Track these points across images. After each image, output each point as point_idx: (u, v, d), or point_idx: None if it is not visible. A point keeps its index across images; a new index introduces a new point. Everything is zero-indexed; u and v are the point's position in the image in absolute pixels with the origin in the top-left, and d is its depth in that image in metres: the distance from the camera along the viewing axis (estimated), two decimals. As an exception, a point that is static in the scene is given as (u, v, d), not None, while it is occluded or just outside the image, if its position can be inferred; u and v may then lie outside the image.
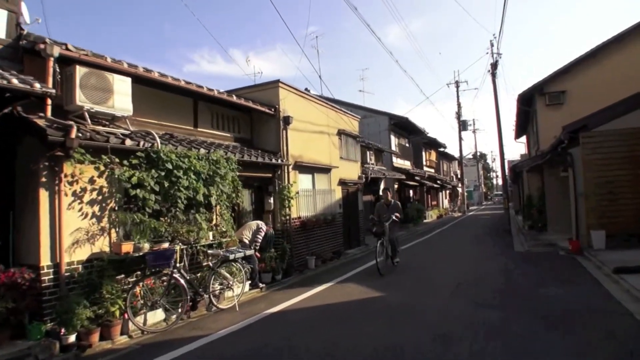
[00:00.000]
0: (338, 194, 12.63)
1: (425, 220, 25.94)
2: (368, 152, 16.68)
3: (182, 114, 8.24)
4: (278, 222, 9.66)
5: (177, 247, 6.16)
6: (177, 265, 6.04)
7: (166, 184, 6.19)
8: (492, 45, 18.77)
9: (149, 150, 6.10)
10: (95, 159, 5.44)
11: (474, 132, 47.46)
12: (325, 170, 11.89)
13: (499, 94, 20.27)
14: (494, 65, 17.75)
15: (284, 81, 10.05)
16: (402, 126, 23.85)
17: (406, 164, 25.03)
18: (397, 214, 9.60)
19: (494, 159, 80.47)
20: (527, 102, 17.14)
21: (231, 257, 6.64)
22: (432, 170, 32.02)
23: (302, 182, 10.68)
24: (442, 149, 35.53)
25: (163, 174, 6.16)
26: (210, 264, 6.58)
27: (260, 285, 7.96)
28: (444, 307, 5.96)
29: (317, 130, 11.57)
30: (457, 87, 36.70)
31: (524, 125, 21.92)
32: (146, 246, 5.82)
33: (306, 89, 13.09)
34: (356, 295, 6.95)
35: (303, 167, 10.61)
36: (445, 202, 37.92)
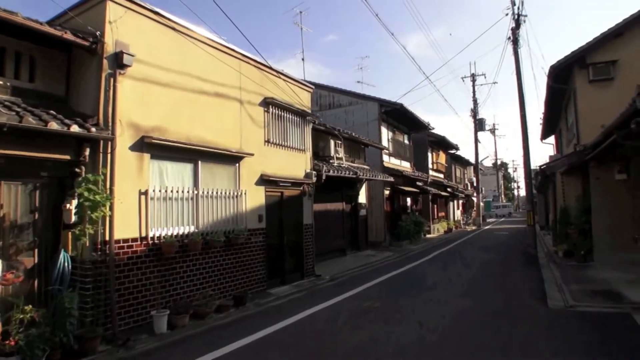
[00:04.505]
0: (257, 198, 7.91)
1: (428, 236, 20.99)
2: (333, 142, 11.80)
3: None
4: (78, 249, 5.01)
5: None
6: None
7: None
8: (513, 3, 13.73)
9: None
10: None
11: (492, 132, 41.92)
12: (227, 158, 7.20)
13: (523, 75, 15.54)
14: (516, 25, 12.71)
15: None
16: (398, 117, 18.85)
17: (404, 165, 20.11)
18: None
19: (515, 169, 74.83)
20: (563, 78, 12.29)
21: None
22: (441, 176, 26.88)
23: (166, 175, 6.05)
24: (453, 151, 30.28)
25: None
26: None
27: None
28: None
29: (210, 91, 6.92)
30: (473, 80, 31.63)
31: (554, 117, 16.82)
32: None
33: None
34: None
35: (165, 149, 5.95)
36: (457, 214, 32.60)
